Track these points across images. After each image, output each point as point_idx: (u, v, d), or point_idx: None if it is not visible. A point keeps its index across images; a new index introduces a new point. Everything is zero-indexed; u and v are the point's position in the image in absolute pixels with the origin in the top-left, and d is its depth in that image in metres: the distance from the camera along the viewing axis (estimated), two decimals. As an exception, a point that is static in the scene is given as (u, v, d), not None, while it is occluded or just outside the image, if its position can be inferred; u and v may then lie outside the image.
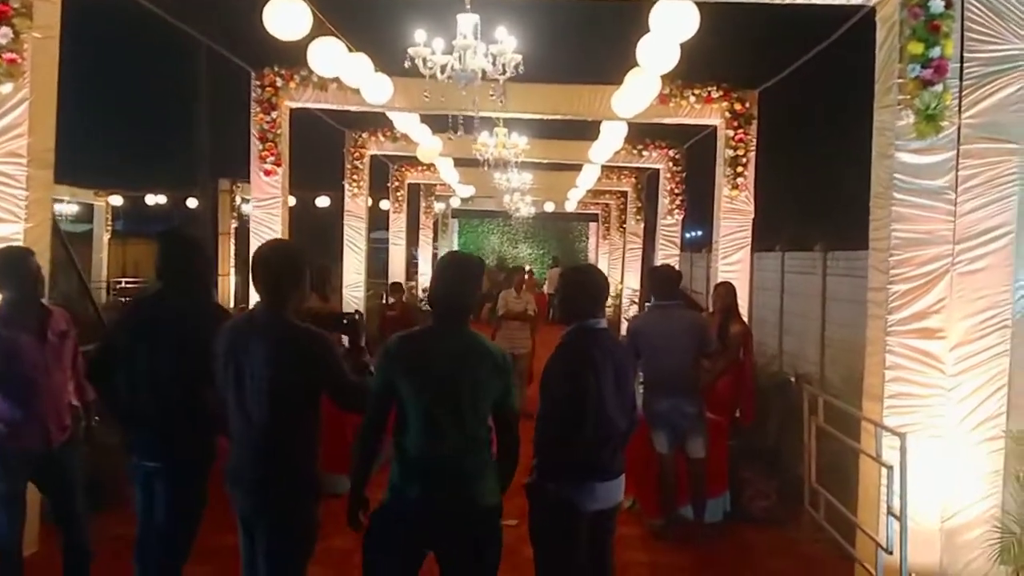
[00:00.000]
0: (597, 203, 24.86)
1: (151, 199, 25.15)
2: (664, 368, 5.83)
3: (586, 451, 3.86)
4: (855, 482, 5.37)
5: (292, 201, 23.73)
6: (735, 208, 9.68)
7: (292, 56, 9.26)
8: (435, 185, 22.03)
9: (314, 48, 6.99)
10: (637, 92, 7.90)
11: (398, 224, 19.14)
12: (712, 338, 6.10)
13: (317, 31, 6.99)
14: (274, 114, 9.55)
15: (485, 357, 3.41)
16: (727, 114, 9.58)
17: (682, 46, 6.55)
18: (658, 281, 6.07)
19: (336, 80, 9.35)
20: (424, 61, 5.94)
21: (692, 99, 9.56)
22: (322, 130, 15.05)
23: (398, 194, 18.98)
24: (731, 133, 9.54)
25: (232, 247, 19.87)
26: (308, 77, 9.55)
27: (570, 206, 23.13)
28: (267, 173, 9.60)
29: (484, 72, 6.03)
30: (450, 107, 9.64)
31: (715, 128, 11.11)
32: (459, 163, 16.70)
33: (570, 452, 3.84)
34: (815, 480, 5.81)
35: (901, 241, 4.95)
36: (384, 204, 19.33)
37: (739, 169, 9.55)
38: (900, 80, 4.90)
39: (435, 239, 25.69)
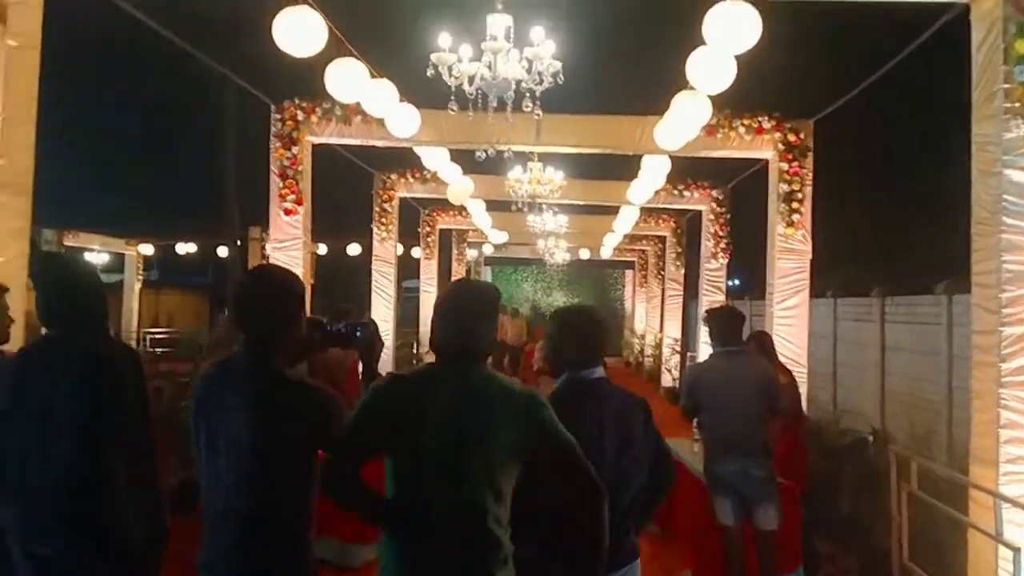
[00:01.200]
0: (633, 250, 24.10)
1: (181, 248, 24.87)
2: (728, 425, 5.04)
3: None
4: (959, 561, 4.52)
5: (323, 249, 24.04)
6: (790, 248, 8.89)
7: (315, 89, 8.72)
8: (467, 231, 21.46)
9: (332, 70, 6.40)
10: (685, 117, 7.21)
11: (429, 271, 18.54)
12: (781, 392, 5.31)
13: (336, 52, 6.41)
14: (295, 149, 8.99)
15: (506, 399, 2.73)
16: (780, 146, 8.85)
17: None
18: (720, 323, 5.29)
19: (360, 114, 8.84)
20: (450, 70, 5.27)
21: (742, 130, 8.86)
22: (351, 173, 14.62)
23: (429, 240, 18.41)
24: (785, 166, 8.81)
25: None
26: (331, 110, 9.01)
27: (606, 252, 22.37)
28: (287, 212, 9.01)
29: (518, 83, 5.31)
30: (479, 139, 9.03)
31: (762, 165, 10.43)
32: (492, 207, 16.11)
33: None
34: (907, 557, 4.96)
35: (1013, 275, 4.16)
36: (416, 251, 18.77)
37: (794, 205, 8.79)
38: (1006, 85, 4.17)
39: (468, 287, 24.98)
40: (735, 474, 4.99)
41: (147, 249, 24.56)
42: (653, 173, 10.22)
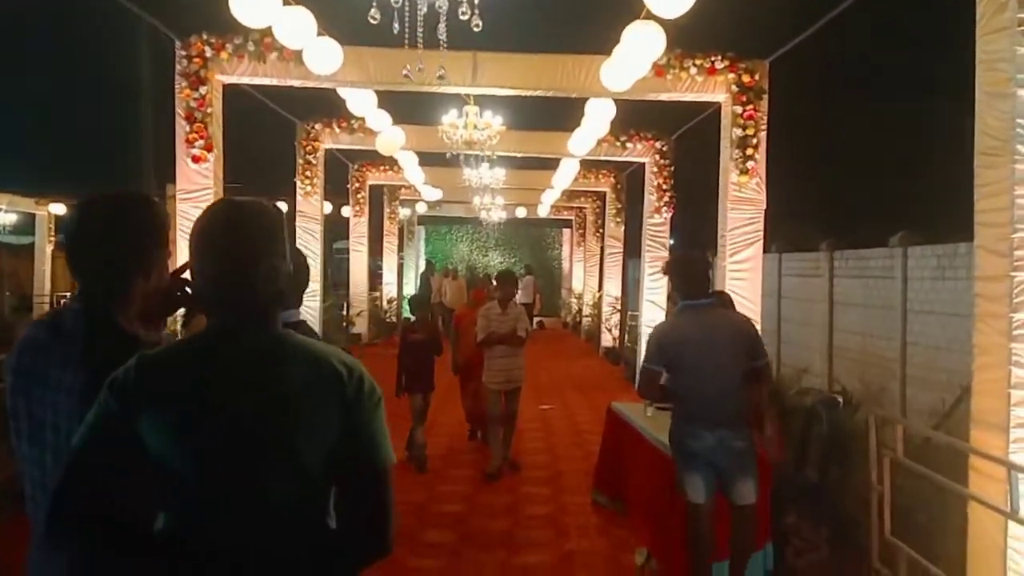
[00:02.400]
0: (571, 207, 23.54)
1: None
2: (703, 390, 4.41)
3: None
4: (951, 536, 4.01)
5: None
6: (743, 197, 8.35)
7: (224, 23, 7.81)
8: (400, 188, 20.60)
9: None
10: (635, 52, 6.54)
11: (359, 230, 17.71)
12: (763, 346, 4.71)
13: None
14: (203, 89, 8.09)
15: (313, 376, 1.87)
16: (734, 88, 8.26)
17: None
18: (685, 271, 4.65)
19: (276, 50, 7.99)
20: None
21: (693, 70, 8.23)
22: (276, 125, 13.65)
23: (359, 196, 17.55)
24: (739, 109, 8.22)
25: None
26: (243, 46, 8.14)
27: (543, 211, 21.78)
28: (195, 160, 8.12)
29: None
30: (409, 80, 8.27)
31: (708, 113, 9.87)
32: (425, 160, 15.31)
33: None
34: (889, 531, 4.45)
35: (1027, 212, 3.60)
36: (346, 210, 17.87)
37: (748, 151, 8.23)
38: (1021, -8, 3.57)
39: (400, 247, 24.21)
40: (712, 448, 4.39)
41: (58, 208, 23.16)
42: (596, 120, 9.55)
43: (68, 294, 23.51)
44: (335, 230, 19.52)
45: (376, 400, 1.93)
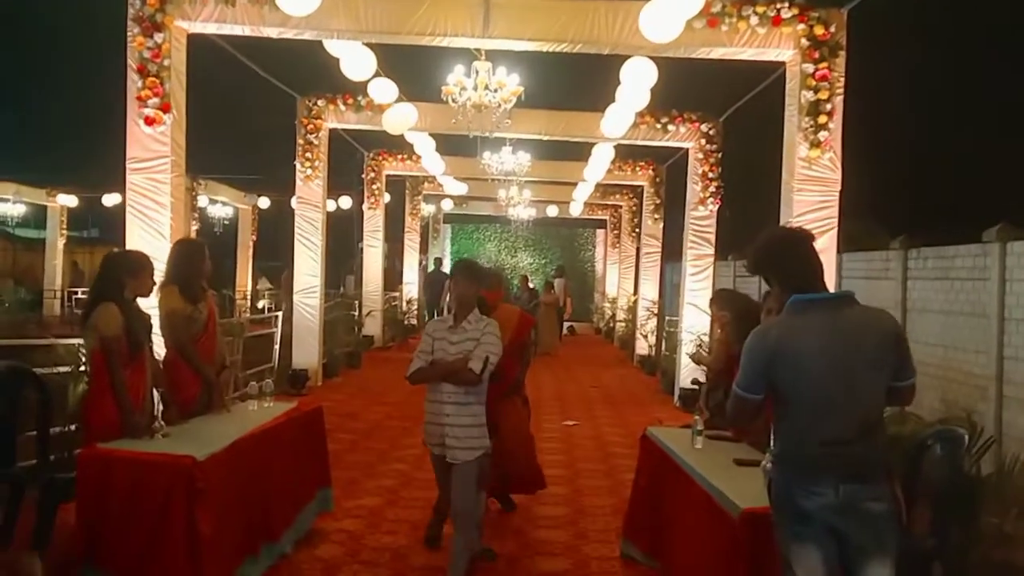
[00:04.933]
0: (606, 206, 22.09)
1: (108, 199, 22.36)
2: (827, 425, 2.97)
3: None
4: None
5: (264, 203, 21.66)
6: (815, 176, 6.86)
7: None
8: (422, 181, 19.27)
9: None
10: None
11: (374, 223, 16.36)
12: (911, 358, 3.19)
13: None
14: (158, 37, 6.74)
15: None
16: (804, 42, 6.74)
17: None
18: (791, 255, 3.16)
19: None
20: None
21: (754, 20, 6.74)
22: (271, 102, 12.36)
23: (374, 187, 16.19)
24: (810, 68, 6.71)
25: None
26: (208, -15, 6.74)
27: (576, 209, 20.34)
28: (148, 121, 6.77)
29: None
30: (406, 28, 6.91)
31: (764, 88, 8.38)
32: (445, 149, 13.94)
33: None
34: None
35: None
36: (345, 201, 16.56)
37: (821, 119, 6.73)
38: None
39: (424, 246, 22.85)
40: (835, 509, 2.90)
41: (70, 200, 22.16)
42: (634, 87, 8.04)
43: (79, 289, 22.58)
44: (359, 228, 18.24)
45: None
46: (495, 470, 5.16)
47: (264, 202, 21.88)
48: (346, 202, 19.86)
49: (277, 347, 10.65)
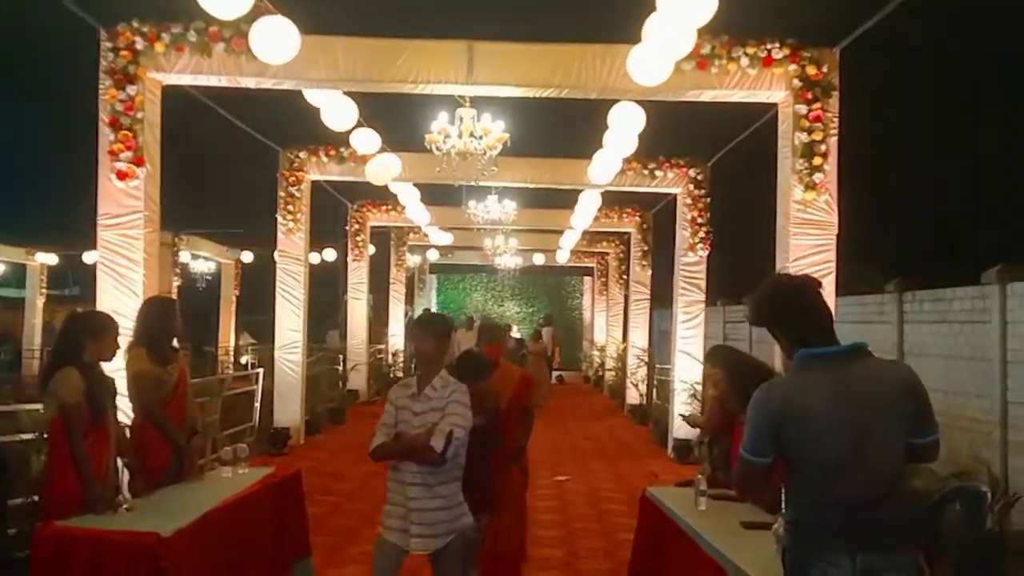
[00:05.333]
0: (592, 253, 21.91)
1: (88, 257, 22.00)
2: (842, 490, 2.71)
3: None
4: None
5: (248, 257, 21.37)
6: (811, 219, 6.67)
7: (160, 9, 6.34)
8: (407, 232, 19.08)
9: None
10: (674, 31, 4.92)
11: (358, 275, 16.10)
12: (933, 414, 2.93)
13: None
14: (131, 89, 6.53)
15: None
16: (796, 82, 6.59)
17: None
18: (797, 305, 2.91)
19: (223, 40, 6.44)
20: None
21: (745, 61, 6.58)
22: (253, 155, 12.16)
23: (358, 239, 15.95)
24: (803, 109, 6.55)
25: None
26: (183, 36, 6.57)
27: (562, 257, 20.15)
28: (120, 176, 6.53)
29: None
30: (389, 75, 6.74)
31: (751, 134, 8.26)
32: (430, 199, 13.77)
33: None
34: None
35: None
36: (329, 254, 16.36)
37: (816, 161, 6.55)
38: None
39: (409, 297, 22.57)
40: None
41: (49, 258, 21.84)
42: (622, 132, 7.86)
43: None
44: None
45: None
46: (487, 549, 4.75)
47: (247, 256, 21.61)
48: (330, 254, 19.63)
49: (258, 405, 10.30)
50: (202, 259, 21.77)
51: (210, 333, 21.35)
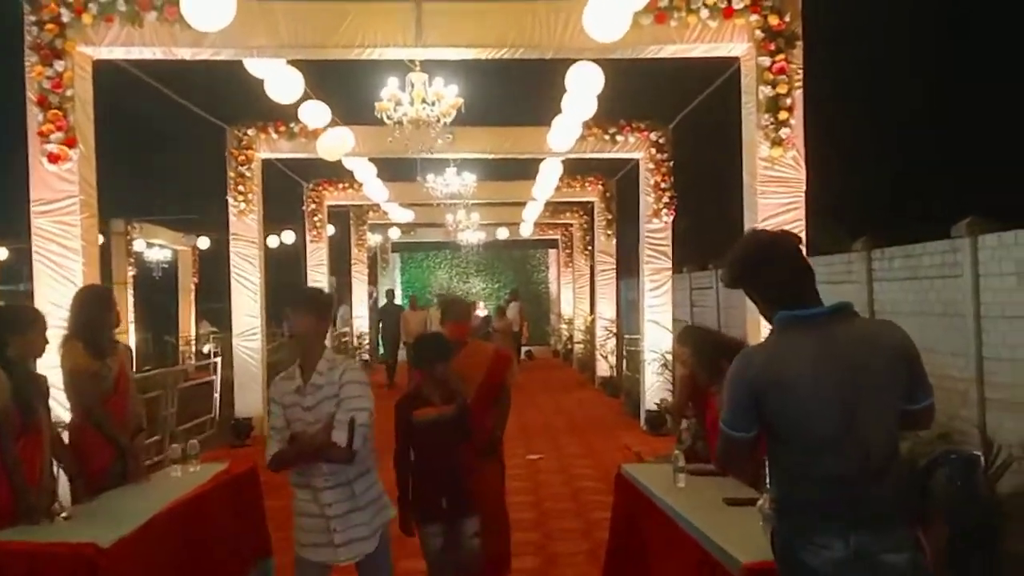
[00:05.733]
0: (556, 225, 21.64)
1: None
2: (831, 465, 2.49)
3: None
4: None
5: (204, 243, 20.85)
6: (778, 176, 6.43)
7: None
8: (367, 210, 18.68)
9: None
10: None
11: (317, 257, 15.66)
12: (926, 376, 2.70)
13: None
14: (59, 65, 6.09)
15: None
16: (758, 34, 6.32)
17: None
18: (775, 264, 2.66)
19: (155, 8, 6.05)
20: None
21: (704, 13, 6.29)
22: (199, 134, 11.70)
23: (315, 220, 15.53)
24: (766, 61, 6.29)
25: (130, 298, 16.75)
26: (111, 5, 6.14)
27: (526, 230, 19.87)
28: (52, 158, 6.11)
29: None
30: (333, 40, 6.40)
31: (711, 93, 8.02)
32: (390, 174, 13.42)
33: None
34: None
35: None
36: (288, 236, 15.91)
37: (781, 115, 6.30)
38: None
39: (372, 278, 22.20)
40: (848, 562, 2.42)
41: (-1, 252, 21.18)
42: (581, 93, 7.57)
43: None
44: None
45: None
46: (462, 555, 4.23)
47: (204, 242, 21.05)
48: (289, 236, 19.17)
49: (217, 395, 9.94)
50: (157, 247, 21.22)
51: (170, 322, 20.86)
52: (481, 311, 19.42)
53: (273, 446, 3.56)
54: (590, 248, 18.05)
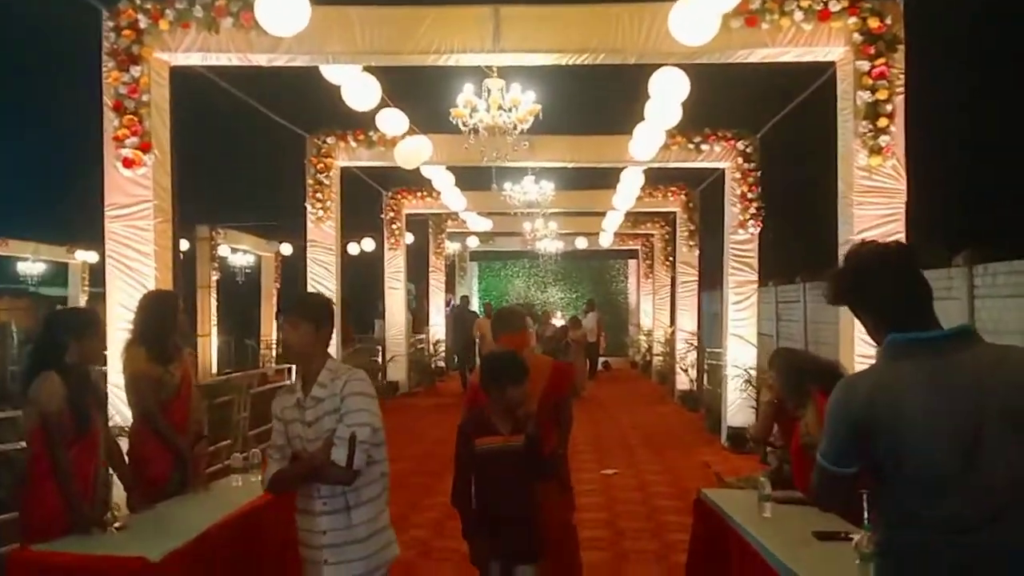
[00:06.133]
0: (636, 235, 21.23)
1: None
2: (950, 508, 2.16)
3: None
4: None
5: (287, 249, 21.15)
6: (876, 186, 6.04)
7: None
8: (445, 218, 18.65)
9: None
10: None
11: (395, 265, 15.68)
12: None
13: None
14: (135, 71, 6.10)
15: None
16: (857, 36, 5.95)
17: None
18: (879, 281, 2.35)
19: (231, 15, 6.00)
20: None
21: (799, 15, 5.95)
22: (280, 142, 11.76)
23: (394, 227, 15.54)
24: (865, 66, 5.92)
25: (213, 302, 17.00)
26: (188, 12, 6.12)
27: (605, 240, 19.54)
28: (127, 163, 6.12)
29: None
30: (410, 46, 6.25)
31: (805, 99, 7.64)
32: (468, 184, 13.32)
33: None
34: None
35: None
36: (368, 243, 15.94)
37: (881, 123, 5.91)
38: None
39: (450, 286, 22.16)
40: None
41: (91, 256, 21.82)
42: (664, 101, 7.28)
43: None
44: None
45: None
46: None
47: (287, 248, 21.33)
48: (369, 244, 19.27)
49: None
50: (241, 252, 21.57)
51: (251, 326, 21.18)
52: (557, 320, 19.13)
53: (272, 466, 3.28)
54: (671, 259, 17.62)
